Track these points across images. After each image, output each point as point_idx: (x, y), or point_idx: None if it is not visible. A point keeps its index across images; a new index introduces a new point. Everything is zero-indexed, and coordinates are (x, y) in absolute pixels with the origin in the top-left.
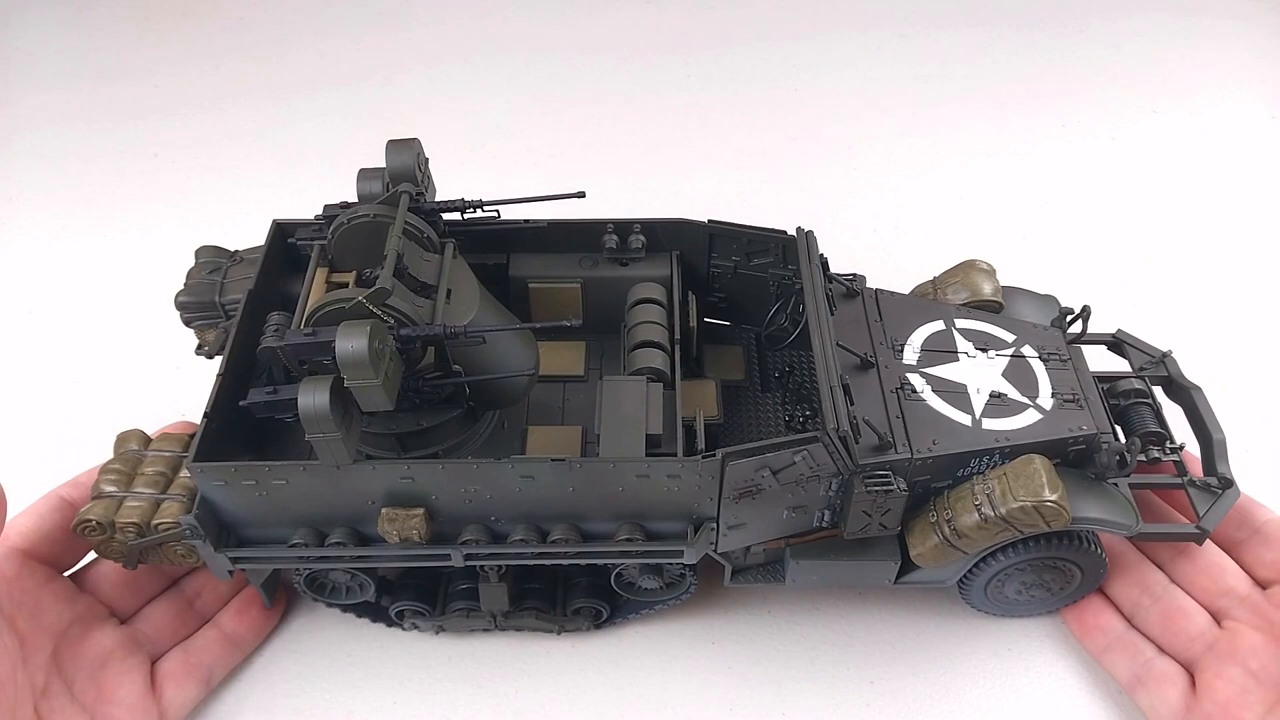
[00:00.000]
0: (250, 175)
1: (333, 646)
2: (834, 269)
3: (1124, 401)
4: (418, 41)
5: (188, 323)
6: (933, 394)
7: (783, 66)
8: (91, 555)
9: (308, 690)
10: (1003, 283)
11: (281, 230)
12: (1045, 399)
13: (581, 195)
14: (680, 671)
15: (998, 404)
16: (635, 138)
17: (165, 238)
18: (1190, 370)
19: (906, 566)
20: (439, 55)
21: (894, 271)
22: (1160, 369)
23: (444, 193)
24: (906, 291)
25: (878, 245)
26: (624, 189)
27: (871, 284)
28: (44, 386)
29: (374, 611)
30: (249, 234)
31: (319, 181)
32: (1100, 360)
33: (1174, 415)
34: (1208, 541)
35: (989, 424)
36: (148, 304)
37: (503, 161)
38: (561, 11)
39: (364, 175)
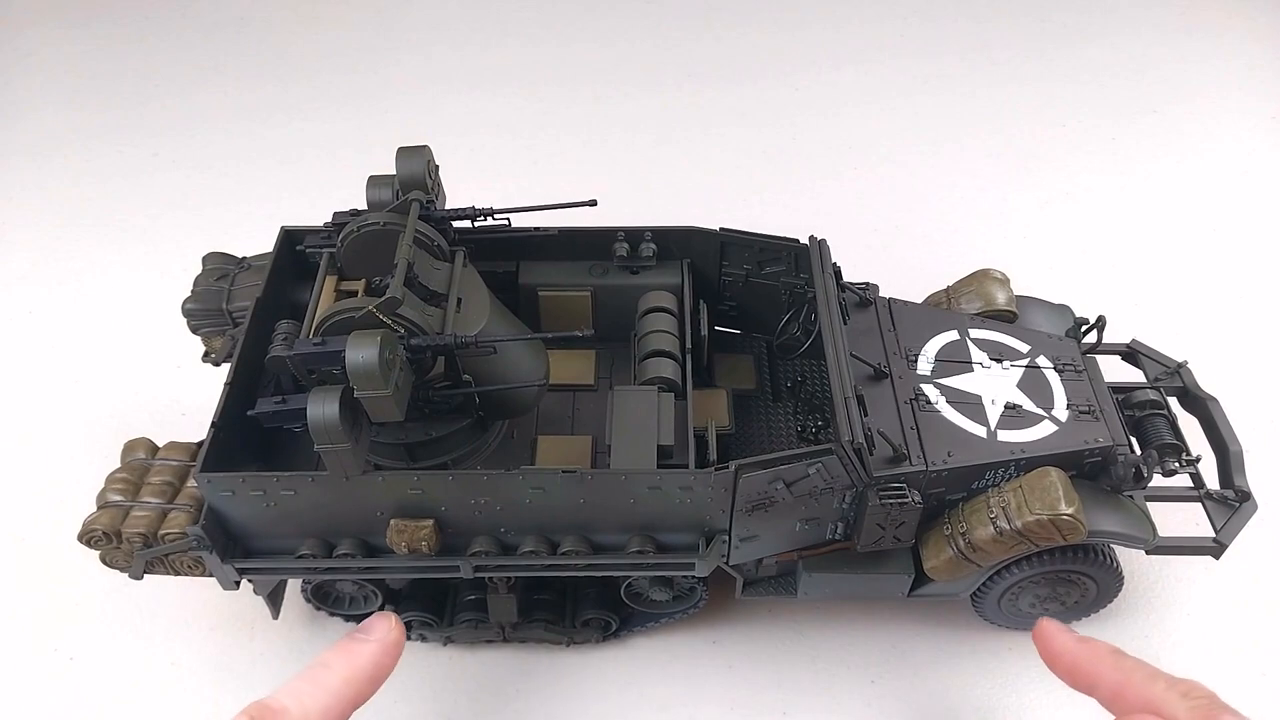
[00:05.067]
0: (250, 175)
1: None
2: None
3: (1139, 413)
4: (420, 45)
5: (195, 329)
6: (947, 405)
7: (782, 67)
8: None
9: None
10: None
11: (290, 237)
12: (1060, 410)
13: (593, 203)
14: (681, 671)
15: (1013, 415)
16: (637, 139)
17: (165, 238)
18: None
19: (920, 579)
20: (441, 57)
21: (895, 271)
22: (1175, 379)
23: (447, 198)
24: (912, 294)
25: (877, 246)
26: (626, 191)
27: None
28: (44, 386)
29: None
30: (249, 233)
31: (319, 180)
32: (1114, 370)
33: (1190, 426)
34: None
35: (1004, 436)
36: (148, 303)
37: (502, 165)
38: (563, 13)
39: (374, 183)
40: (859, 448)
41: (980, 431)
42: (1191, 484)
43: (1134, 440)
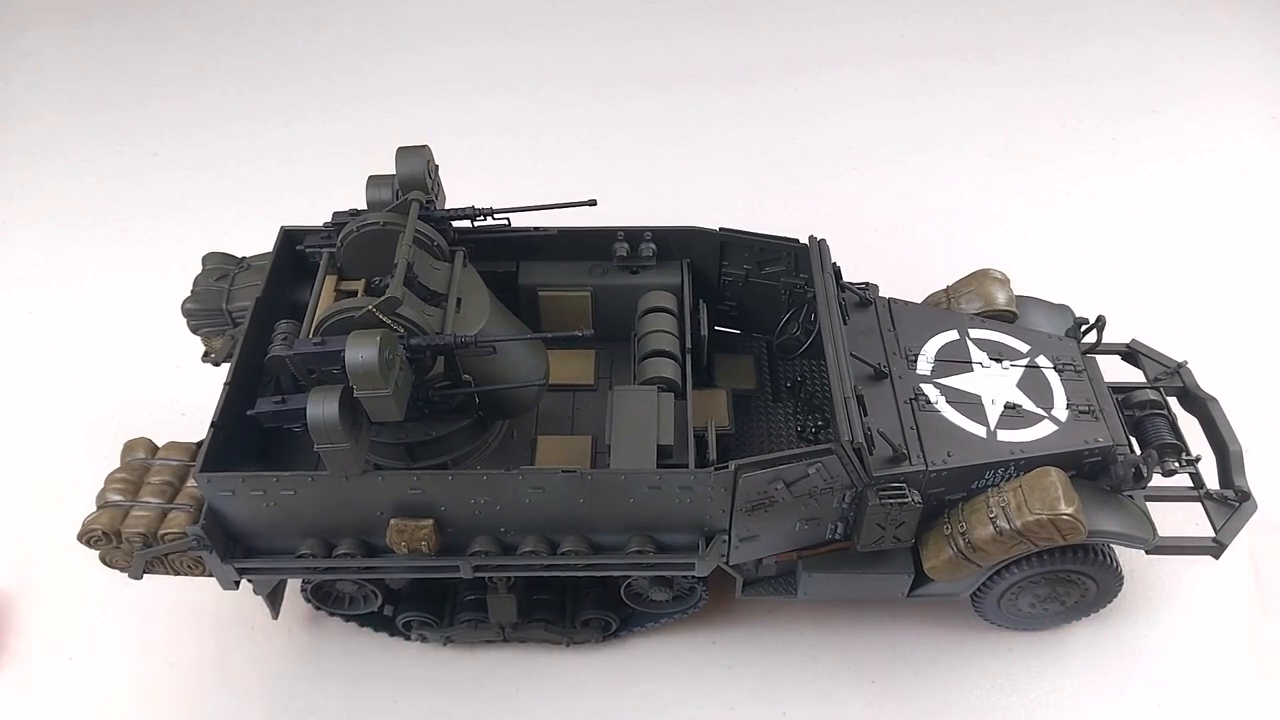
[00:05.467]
0: (250, 175)
1: (334, 645)
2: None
3: (1139, 413)
4: (420, 45)
5: (195, 329)
6: (947, 405)
7: (782, 67)
8: None
9: (308, 689)
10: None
11: (290, 237)
12: (1060, 410)
13: (593, 203)
14: (680, 670)
15: (1013, 415)
16: (637, 139)
17: (165, 238)
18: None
19: (920, 579)
20: (441, 57)
21: (895, 271)
22: (1175, 379)
23: (447, 198)
24: (912, 294)
25: (877, 246)
26: (626, 191)
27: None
28: (44, 386)
29: (380, 622)
30: (249, 233)
31: (319, 181)
32: (1114, 370)
33: (1190, 426)
34: None
35: (1004, 435)
36: (148, 303)
37: (502, 165)
38: (563, 13)
39: (374, 182)
40: (859, 448)
41: (980, 431)
42: (1191, 484)
43: (1134, 440)
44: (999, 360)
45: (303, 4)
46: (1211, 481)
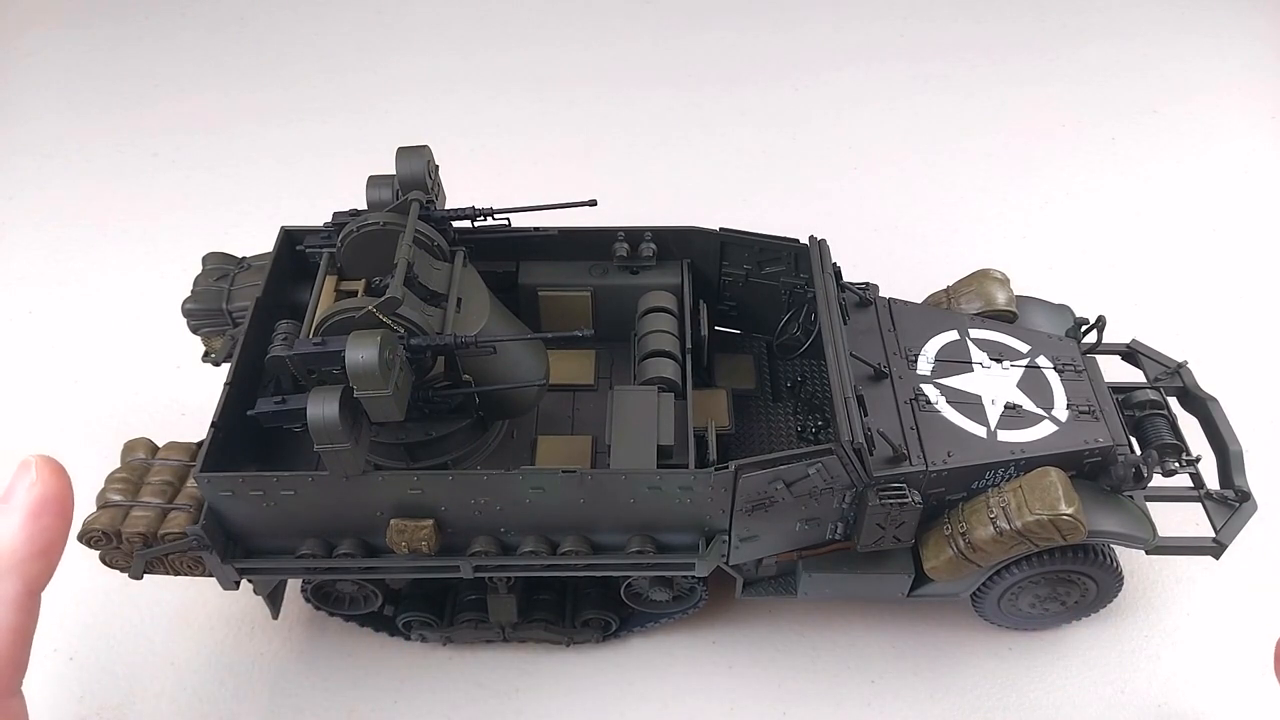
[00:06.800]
0: (250, 175)
1: (334, 645)
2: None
3: (1139, 413)
4: (420, 45)
5: (195, 329)
6: (947, 405)
7: (782, 67)
8: None
9: (308, 689)
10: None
11: (290, 237)
12: (1060, 410)
13: (593, 203)
14: (681, 670)
15: (1013, 415)
16: (637, 139)
17: (165, 237)
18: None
19: (920, 579)
20: (441, 57)
21: (895, 271)
22: (1175, 379)
23: (447, 198)
24: (912, 294)
25: (878, 246)
26: (626, 191)
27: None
28: (44, 386)
29: (380, 622)
30: (249, 233)
31: (319, 180)
32: (1114, 370)
33: (1190, 426)
34: None
35: (1004, 436)
36: (147, 303)
37: (502, 165)
38: (563, 13)
39: (374, 183)
40: (859, 448)
41: (980, 431)
42: (1191, 484)
43: (1134, 440)
44: (999, 360)
45: (303, 4)
46: (1211, 481)
